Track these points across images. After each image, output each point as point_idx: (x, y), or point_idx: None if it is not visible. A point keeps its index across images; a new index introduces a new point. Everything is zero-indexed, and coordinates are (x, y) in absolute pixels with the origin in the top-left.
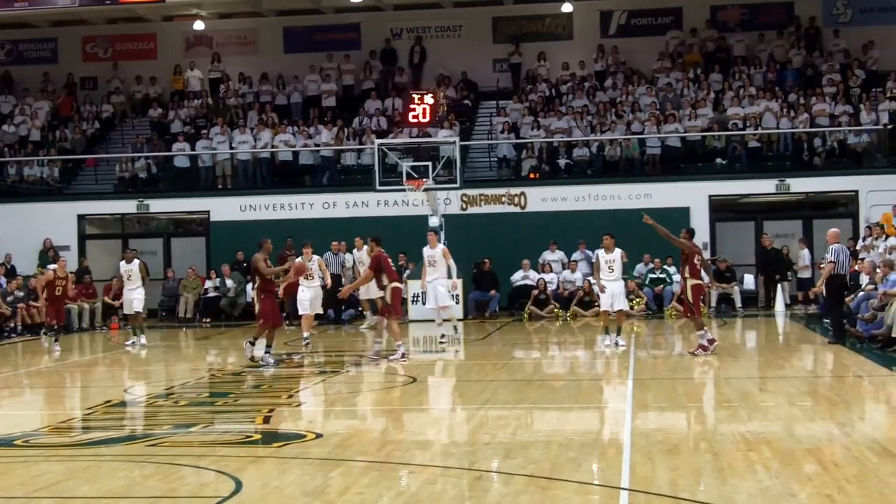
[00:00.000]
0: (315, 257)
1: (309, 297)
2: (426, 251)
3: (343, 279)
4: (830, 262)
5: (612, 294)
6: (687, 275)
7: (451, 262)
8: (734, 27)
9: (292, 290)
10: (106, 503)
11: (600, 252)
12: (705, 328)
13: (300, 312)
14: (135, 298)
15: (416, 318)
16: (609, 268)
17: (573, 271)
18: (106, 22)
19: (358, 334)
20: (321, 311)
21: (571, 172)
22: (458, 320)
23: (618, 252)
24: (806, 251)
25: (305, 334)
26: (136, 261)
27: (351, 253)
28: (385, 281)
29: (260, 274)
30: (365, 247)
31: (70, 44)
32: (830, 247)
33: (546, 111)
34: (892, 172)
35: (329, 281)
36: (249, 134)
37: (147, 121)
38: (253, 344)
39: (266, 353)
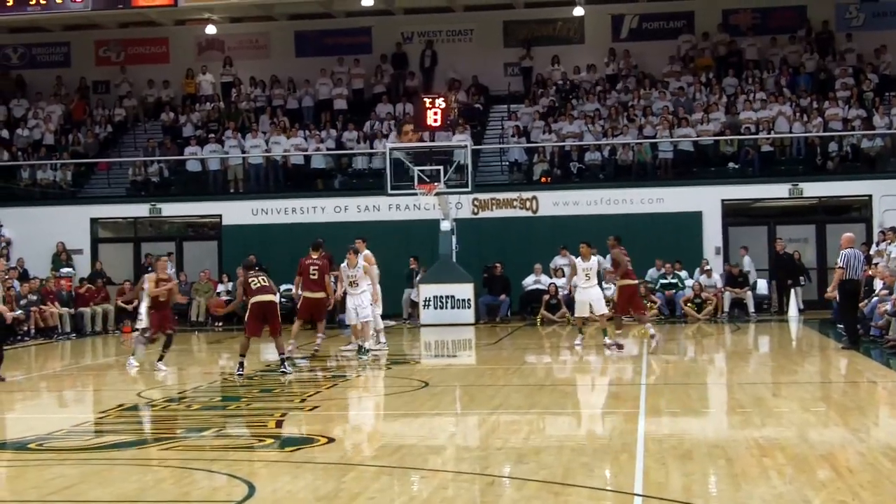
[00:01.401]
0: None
1: (353, 306)
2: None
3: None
4: (840, 267)
5: (591, 300)
6: (617, 278)
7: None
8: (746, 31)
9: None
10: None
11: (578, 260)
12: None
13: (347, 322)
14: None
15: (429, 322)
16: (586, 275)
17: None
18: (118, 26)
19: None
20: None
21: (583, 177)
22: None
23: (594, 260)
24: (747, 258)
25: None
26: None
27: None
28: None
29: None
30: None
31: (83, 48)
32: (841, 252)
33: (557, 115)
34: None
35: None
36: (261, 138)
37: (159, 125)
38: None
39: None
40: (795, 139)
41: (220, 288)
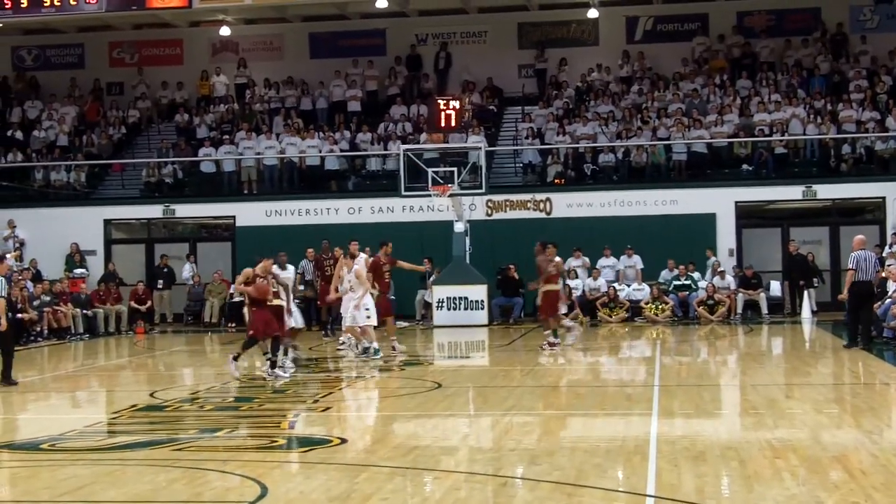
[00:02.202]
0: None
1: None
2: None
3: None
4: (850, 269)
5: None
6: (541, 284)
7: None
8: (760, 33)
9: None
10: None
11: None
12: (557, 331)
13: (348, 324)
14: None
15: (442, 323)
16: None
17: (595, 278)
18: (132, 27)
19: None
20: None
21: (597, 178)
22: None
23: (558, 260)
24: (714, 259)
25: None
26: (291, 267)
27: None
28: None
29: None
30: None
31: (97, 49)
32: (852, 254)
33: (571, 117)
34: None
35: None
36: (275, 139)
37: (173, 126)
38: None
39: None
40: (809, 141)
41: (234, 289)
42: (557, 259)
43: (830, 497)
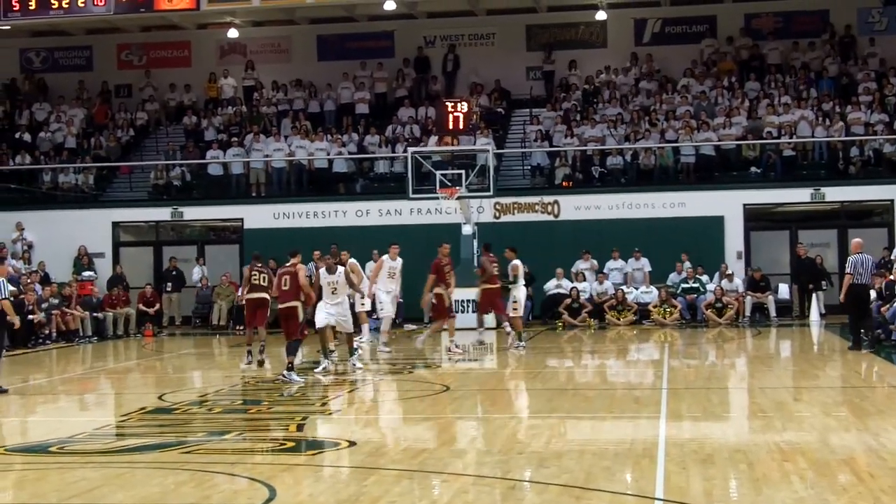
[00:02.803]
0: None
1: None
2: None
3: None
4: (847, 273)
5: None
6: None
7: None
8: (769, 35)
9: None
10: None
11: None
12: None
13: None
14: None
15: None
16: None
17: (601, 283)
18: (140, 30)
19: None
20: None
21: (605, 181)
22: (489, 329)
23: (515, 263)
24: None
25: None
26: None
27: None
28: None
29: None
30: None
31: (105, 51)
32: (849, 258)
33: (579, 119)
34: None
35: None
36: (283, 141)
37: (181, 128)
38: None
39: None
40: (817, 144)
41: (241, 292)
42: (515, 262)
43: (839, 500)
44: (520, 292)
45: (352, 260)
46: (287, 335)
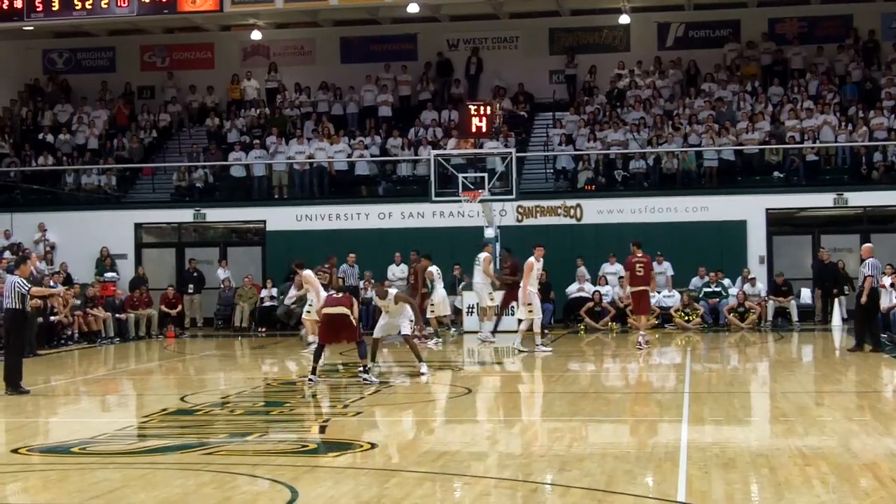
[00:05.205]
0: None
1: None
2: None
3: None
4: (868, 276)
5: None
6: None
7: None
8: (792, 40)
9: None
10: None
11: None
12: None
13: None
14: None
15: (472, 329)
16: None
17: (623, 287)
18: (163, 31)
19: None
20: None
21: (628, 185)
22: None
23: (430, 269)
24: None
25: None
26: (392, 290)
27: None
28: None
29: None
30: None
31: (128, 53)
32: (867, 261)
33: (602, 123)
34: None
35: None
36: (306, 144)
37: (204, 130)
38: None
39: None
40: (840, 148)
41: (264, 293)
42: (431, 268)
43: None
44: (436, 296)
45: (432, 268)
46: (348, 341)
